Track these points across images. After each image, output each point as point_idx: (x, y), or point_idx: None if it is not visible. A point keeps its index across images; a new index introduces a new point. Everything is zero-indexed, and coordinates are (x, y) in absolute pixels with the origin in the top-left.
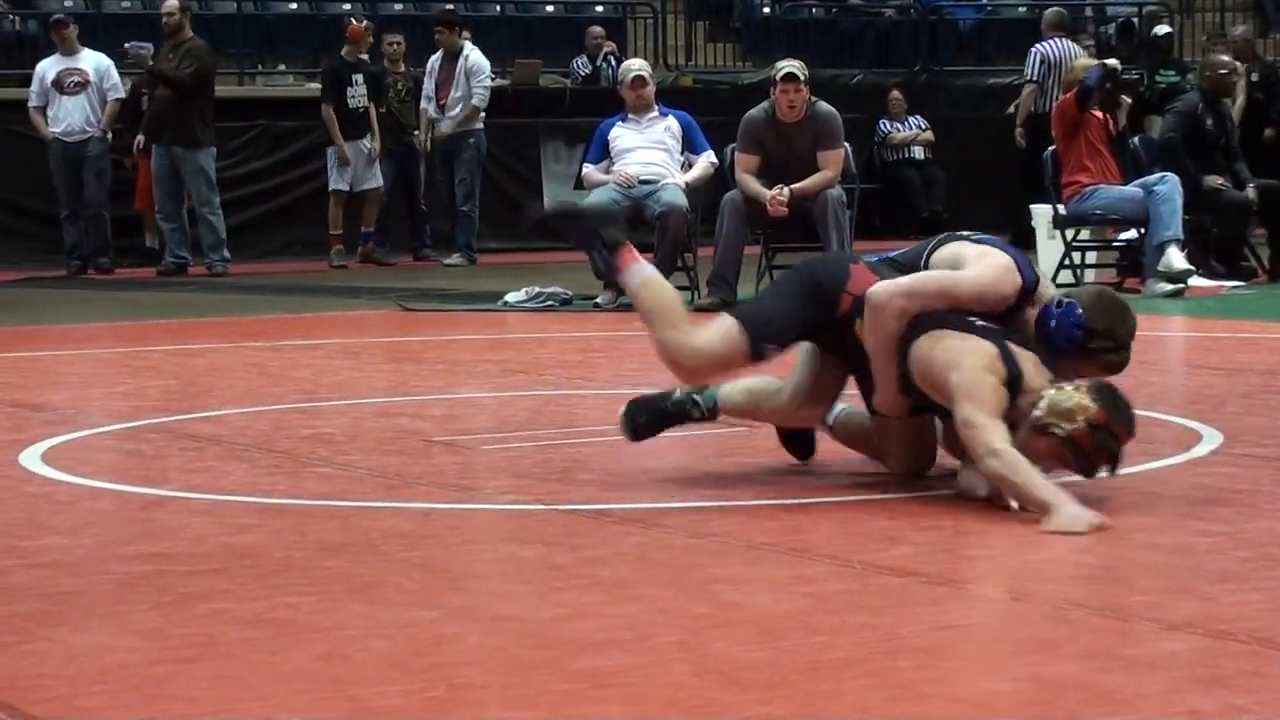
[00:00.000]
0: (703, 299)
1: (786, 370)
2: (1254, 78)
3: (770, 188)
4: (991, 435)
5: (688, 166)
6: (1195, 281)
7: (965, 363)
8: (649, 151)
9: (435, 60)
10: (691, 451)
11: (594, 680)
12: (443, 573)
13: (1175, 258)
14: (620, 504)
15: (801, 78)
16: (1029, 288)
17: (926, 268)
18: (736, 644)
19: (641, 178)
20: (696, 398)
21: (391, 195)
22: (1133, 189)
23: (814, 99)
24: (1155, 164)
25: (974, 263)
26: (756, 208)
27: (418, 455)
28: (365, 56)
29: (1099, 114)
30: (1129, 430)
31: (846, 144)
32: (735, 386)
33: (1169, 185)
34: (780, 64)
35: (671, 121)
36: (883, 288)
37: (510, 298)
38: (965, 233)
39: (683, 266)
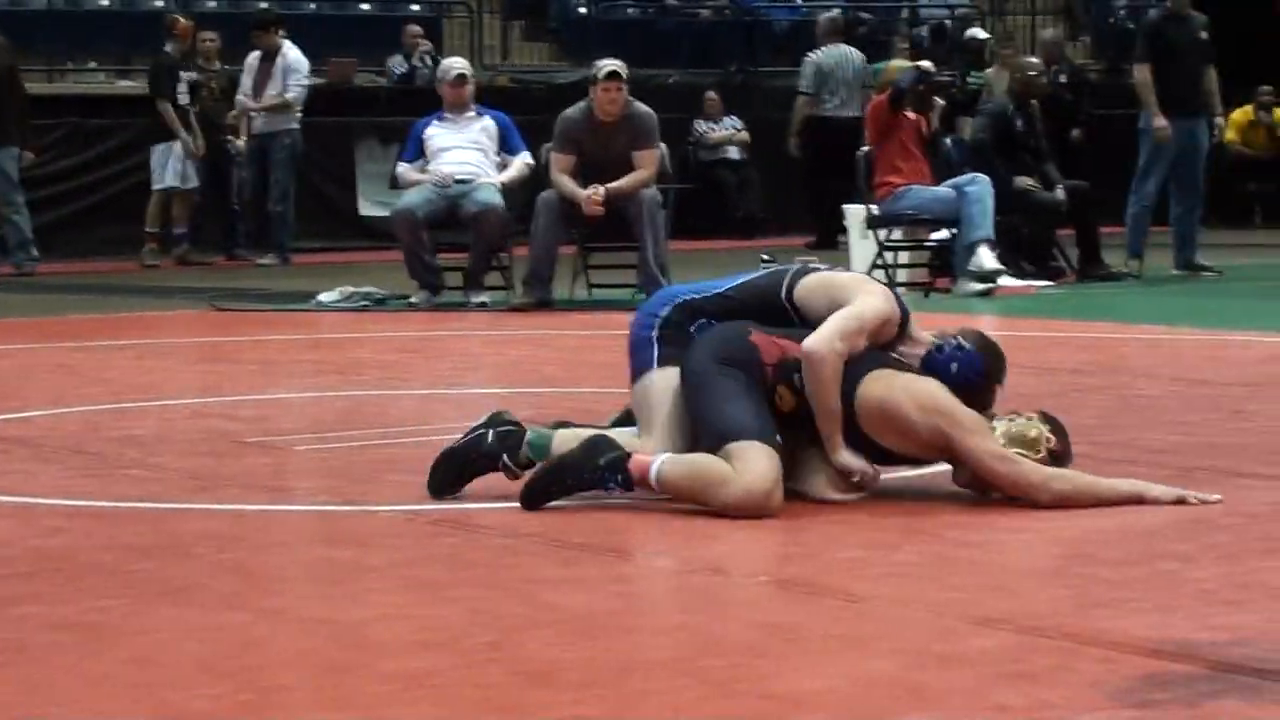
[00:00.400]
0: (518, 299)
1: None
2: (1062, 79)
3: (586, 187)
4: (1029, 465)
5: (504, 166)
6: (1005, 281)
7: (941, 398)
8: (465, 151)
9: (253, 58)
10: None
11: (407, 682)
12: (254, 575)
13: (986, 257)
14: (434, 505)
15: (624, 76)
16: (904, 320)
17: (790, 300)
18: (551, 644)
19: (457, 177)
20: (506, 457)
21: (205, 194)
22: (945, 189)
23: (630, 99)
24: (966, 165)
25: (857, 291)
26: (572, 207)
27: (230, 456)
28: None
29: (912, 115)
30: (1071, 460)
31: (662, 144)
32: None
33: (980, 186)
34: (601, 62)
35: (488, 121)
36: (820, 341)
37: (324, 298)
38: (812, 263)
39: (498, 266)
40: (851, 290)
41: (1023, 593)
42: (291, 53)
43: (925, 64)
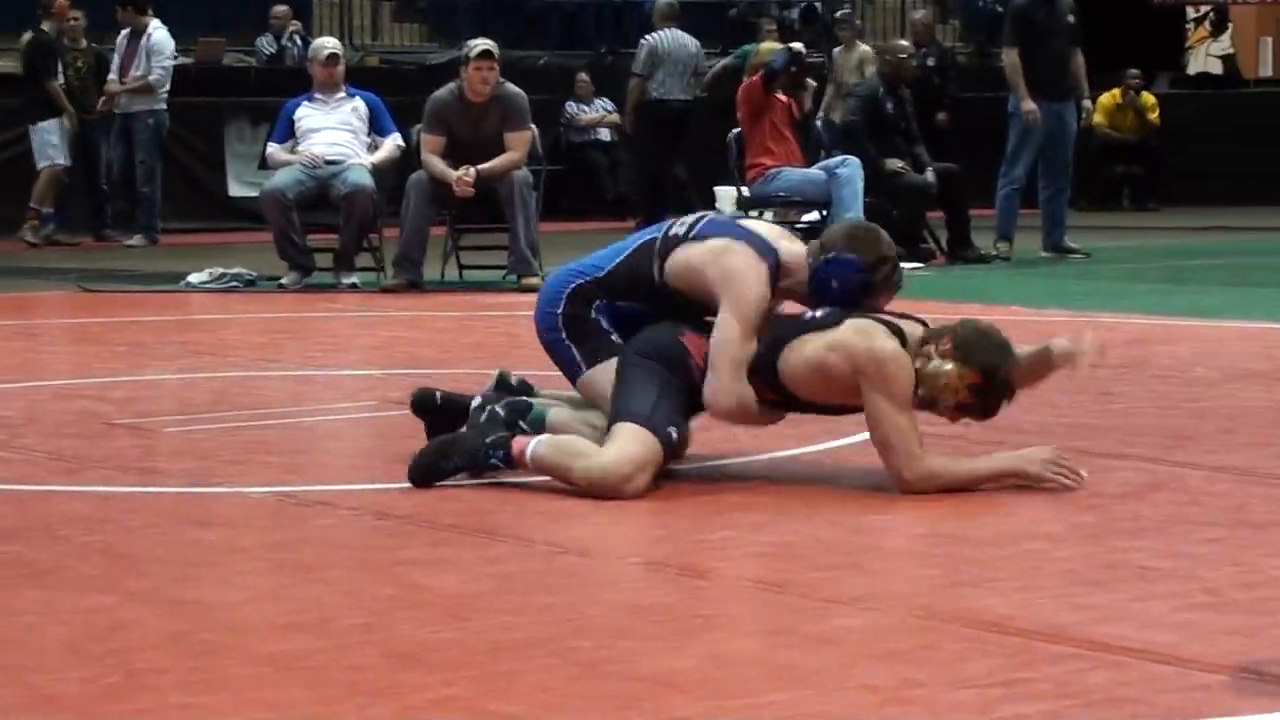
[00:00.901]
0: (388, 280)
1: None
2: (930, 62)
3: (457, 168)
4: (910, 457)
5: (374, 147)
6: None
7: (877, 344)
8: (335, 132)
9: (122, 37)
10: (379, 433)
11: (278, 664)
12: (123, 557)
13: None
14: (305, 486)
15: (495, 56)
16: (774, 265)
17: (665, 284)
18: (422, 626)
19: (327, 158)
20: (522, 423)
21: (71, 174)
22: (815, 171)
23: (501, 80)
24: (837, 147)
25: (727, 282)
26: (442, 188)
27: (98, 438)
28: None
29: (783, 97)
30: (1005, 361)
31: (533, 125)
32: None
33: (850, 168)
34: (473, 42)
35: (358, 102)
36: (716, 396)
37: (193, 278)
38: (676, 225)
39: (368, 247)
40: (719, 282)
41: (890, 573)
42: (157, 33)
43: (796, 45)
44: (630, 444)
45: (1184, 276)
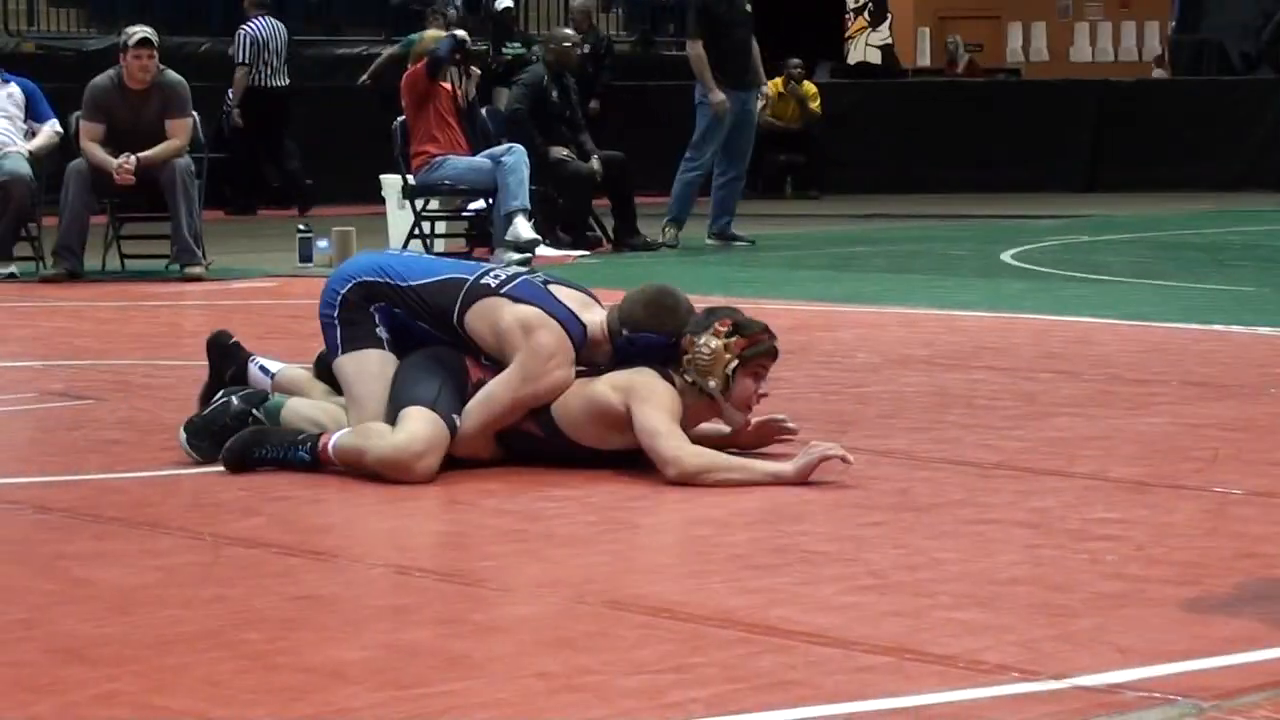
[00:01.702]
0: (48, 269)
1: None
2: (585, 49)
3: (117, 156)
4: (675, 445)
5: (31, 134)
6: (542, 251)
7: (634, 380)
8: None
9: None
10: (39, 424)
11: None
12: None
13: (522, 227)
14: None
15: (154, 43)
16: (579, 341)
17: (464, 329)
18: (85, 620)
19: None
20: (255, 411)
21: None
22: (481, 159)
23: (162, 67)
24: (503, 135)
25: (522, 352)
26: (103, 176)
27: None
28: None
29: (447, 85)
30: (764, 329)
31: (195, 113)
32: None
33: (516, 156)
34: (131, 29)
35: (14, 88)
36: (468, 431)
37: None
38: (487, 274)
39: (27, 236)
40: (521, 358)
41: (561, 560)
42: None
43: (460, 33)
44: (421, 425)
45: (846, 264)
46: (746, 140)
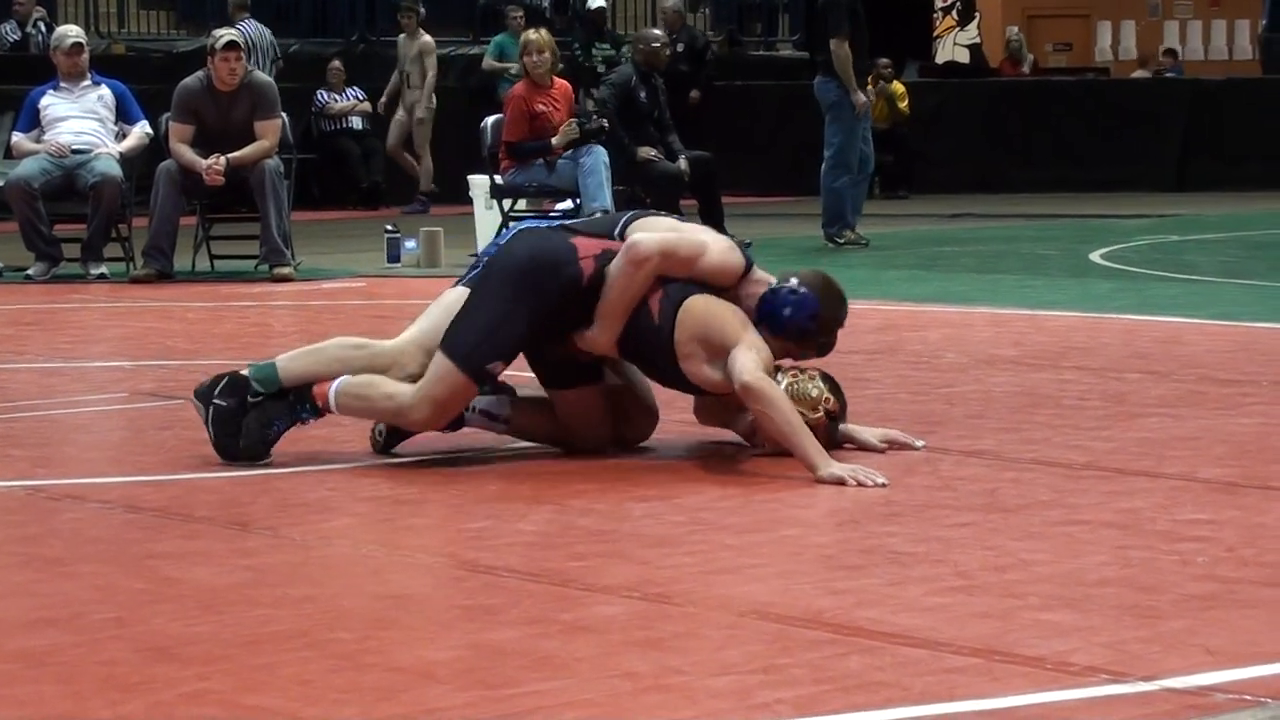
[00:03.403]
0: (138, 270)
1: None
2: (679, 48)
3: (207, 157)
4: (761, 369)
5: (122, 136)
6: None
7: (752, 329)
8: (82, 120)
9: None
10: (130, 424)
11: (28, 660)
12: None
13: None
14: (54, 479)
15: (242, 45)
16: (749, 267)
17: (622, 235)
18: (175, 619)
19: (74, 147)
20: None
21: None
22: (563, 161)
23: (250, 68)
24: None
25: (697, 231)
26: (192, 177)
27: None
28: None
29: (547, 108)
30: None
31: (283, 114)
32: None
33: (594, 157)
34: (219, 32)
35: (104, 90)
36: (648, 239)
37: None
38: (654, 211)
39: (117, 237)
40: (690, 229)
41: (648, 560)
42: None
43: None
44: (435, 387)
45: (933, 263)
46: (869, 140)
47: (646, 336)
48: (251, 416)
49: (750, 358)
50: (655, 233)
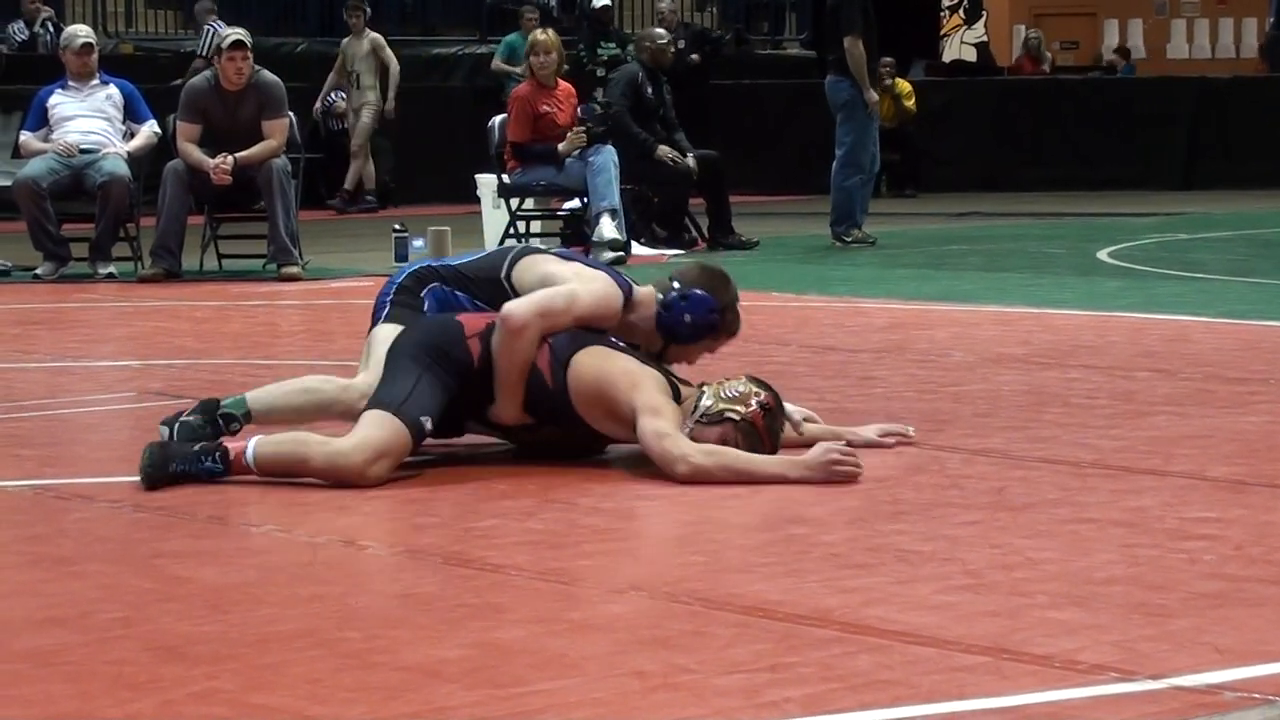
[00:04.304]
0: (146, 269)
1: None
2: (680, 45)
3: (214, 157)
4: (685, 443)
5: (130, 135)
6: (637, 249)
7: (647, 383)
8: (90, 120)
9: None
10: (138, 423)
11: (35, 660)
12: None
13: (607, 227)
14: (61, 479)
15: (248, 45)
16: (628, 295)
17: (509, 283)
18: (183, 618)
19: (82, 146)
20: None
21: None
22: (571, 160)
23: (257, 68)
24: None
25: (572, 276)
26: (200, 177)
27: None
28: None
29: (551, 109)
30: (784, 413)
31: (291, 113)
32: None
33: (603, 156)
34: (225, 31)
35: (113, 90)
36: (519, 308)
37: None
38: (536, 246)
39: (125, 237)
40: (567, 278)
41: (656, 559)
42: None
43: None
44: (374, 431)
45: (941, 262)
46: (875, 141)
47: (548, 403)
48: (177, 443)
49: (658, 431)
50: (522, 297)
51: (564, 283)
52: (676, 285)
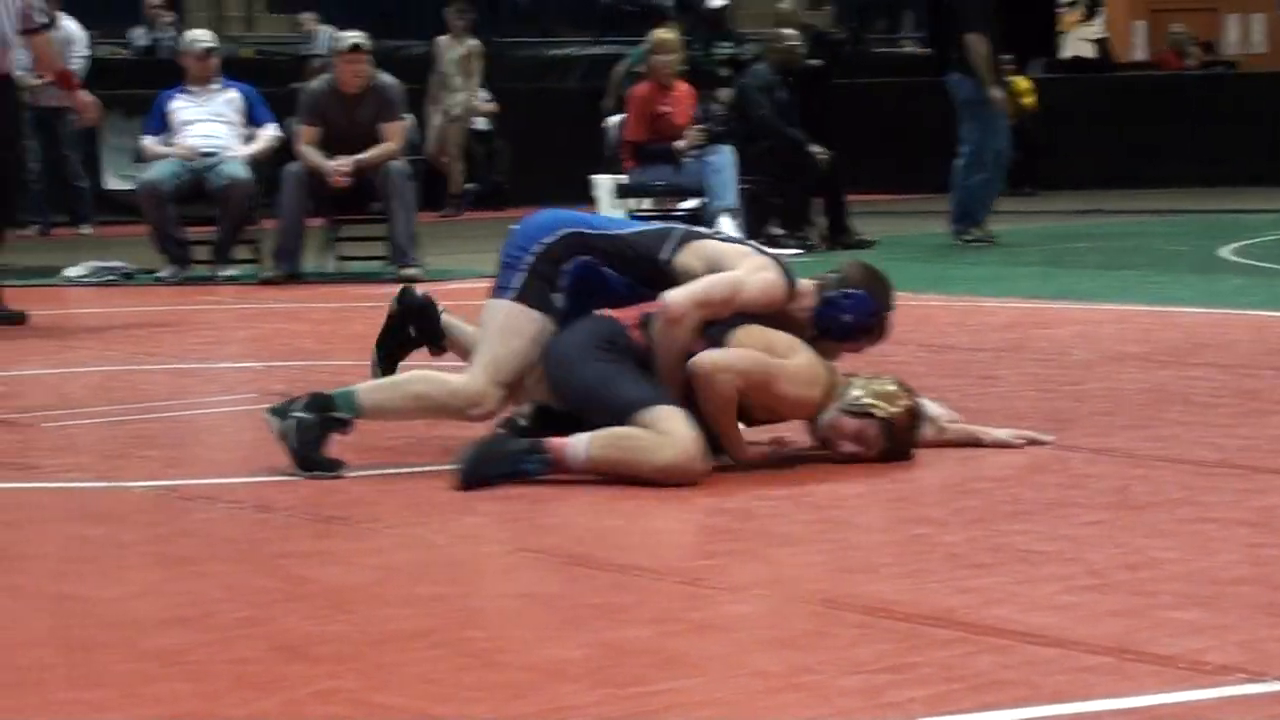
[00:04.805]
0: (267, 272)
1: None
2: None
3: (333, 159)
4: (736, 365)
5: (250, 139)
6: None
7: (804, 352)
8: (210, 124)
9: None
10: (259, 426)
11: (161, 659)
12: (3, 554)
13: (726, 227)
14: (186, 479)
15: (366, 48)
16: (789, 286)
17: (670, 267)
18: (306, 618)
19: (202, 150)
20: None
21: None
22: (689, 159)
23: (375, 70)
24: (728, 135)
25: (741, 264)
26: (318, 179)
27: None
28: None
29: (670, 109)
30: (923, 422)
31: (409, 115)
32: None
33: (722, 156)
34: (342, 35)
35: (233, 94)
36: (679, 297)
37: (70, 272)
38: (702, 229)
39: (246, 239)
40: (735, 260)
41: (778, 559)
42: (67, 25)
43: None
44: (682, 422)
45: (1061, 260)
46: (1005, 136)
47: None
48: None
49: (746, 353)
50: (684, 286)
51: (732, 268)
52: (841, 282)
